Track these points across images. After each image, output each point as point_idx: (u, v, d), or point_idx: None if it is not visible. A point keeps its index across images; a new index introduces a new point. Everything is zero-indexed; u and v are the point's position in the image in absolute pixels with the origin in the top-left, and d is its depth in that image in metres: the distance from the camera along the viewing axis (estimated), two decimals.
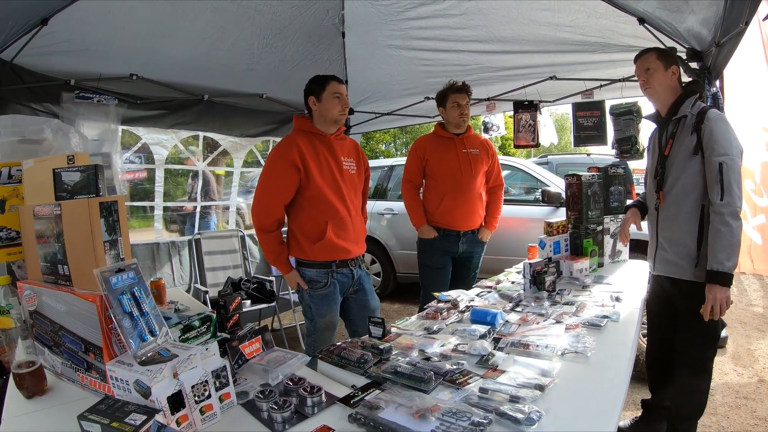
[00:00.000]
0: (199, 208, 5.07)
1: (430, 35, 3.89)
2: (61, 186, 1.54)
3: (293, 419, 1.32)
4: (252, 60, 4.16)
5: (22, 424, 1.41)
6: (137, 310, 1.35)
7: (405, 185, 3.71)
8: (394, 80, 4.69)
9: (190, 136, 4.68)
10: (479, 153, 3.57)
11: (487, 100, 4.77)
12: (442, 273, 3.59)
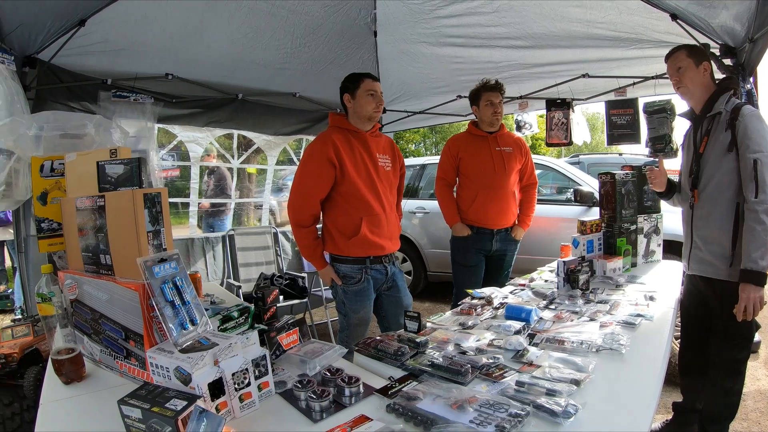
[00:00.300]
0: (233, 204, 5.15)
1: (462, 33, 3.88)
2: (105, 178, 1.57)
3: (331, 409, 1.33)
4: (285, 59, 4.20)
5: (60, 409, 1.44)
6: (179, 299, 1.37)
7: (438, 183, 3.72)
8: (426, 79, 4.69)
9: (224, 134, 4.75)
10: (512, 151, 3.56)
11: (519, 98, 4.75)
12: (475, 271, 3.58)
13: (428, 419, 1.24)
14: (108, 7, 3.12)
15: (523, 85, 4.55)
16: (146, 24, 3.39)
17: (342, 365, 1.59)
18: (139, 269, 1.34)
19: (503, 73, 3.98)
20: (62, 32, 3.18)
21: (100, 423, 1.34)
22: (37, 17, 2.97)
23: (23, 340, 2.61)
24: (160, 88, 3.98)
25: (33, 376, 2.45)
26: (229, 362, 1.29)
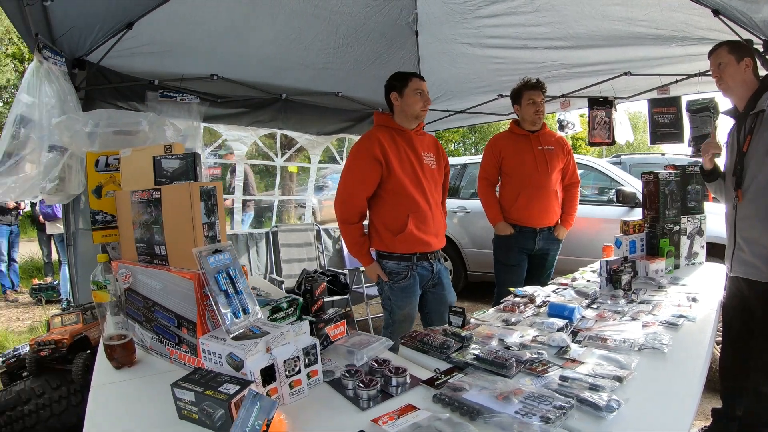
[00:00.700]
0: (277, 201, 5.26)
1: (502, 33, 3.86)
2: (161, 172, 1.64)
3: (378, 398, 1.36)
4: (328, 59, 4.24)
5: (110, 392, 1.50)
6: (232, 288, 1.41)
7: (481, 183, 3.71)
8: (467, 78, 4.68)
9: (268, 133, 4.84)
10: (555, 150, 3.54)
11: (561, 97, 4.72)
12: (517, 270, 3.57)
13: (474, 409, 1.25)
14: (155, 10, 3.20)
15: (564, 84, 4.51)
16: (192, 26, 3.47)
17: (388, 357, 1.61)
18: (195, 259, 1.39)
19: (544, 73, 3.95)
20: (110, 35, 3.27)
21: (149, 406, 1.39)
22: (87, 21, 3.07)
23: (73, 327, 2.71)
24: (205, 88, 4.08)
25: (81, 361, 2.56)
26: (281, 350, 1.32)
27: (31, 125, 2.72)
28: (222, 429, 1.18)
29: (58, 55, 2.94)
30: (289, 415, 1.24)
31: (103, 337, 1.66)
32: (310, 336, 1.43)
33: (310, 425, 1.24)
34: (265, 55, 4.02)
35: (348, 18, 3.80)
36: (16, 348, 3.26)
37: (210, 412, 1.20)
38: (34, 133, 2.71)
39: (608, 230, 4.23)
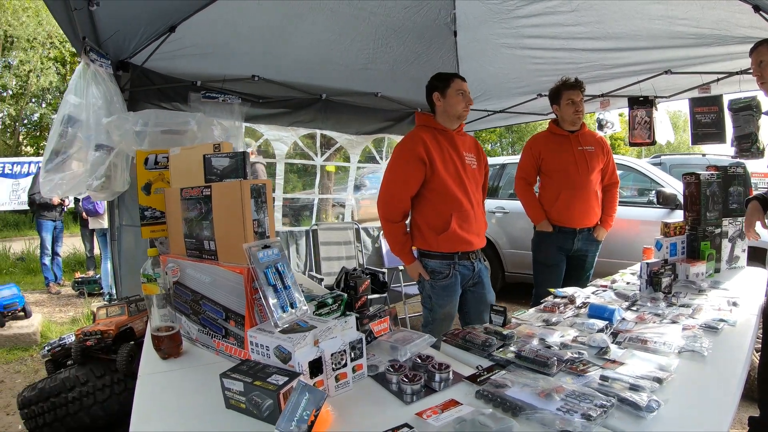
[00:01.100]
0: (316, 200, 5.34)
1: (541, 33, 3.84)
2: (211, 170, 1.69)
3: (422, 392, 1.38)
4: (367, 60, 4.28)
5: (157, 381, 1.55)
6: (281, 283, 1.45)
7: (519, 183, 3.70)
8: (505, 78, 4.67)
9: (308, 133, 4.92)
10: (594, 150, 3.50)
11: (600, 97, 4.67)
12: (556, 270, 3.55)
13: (516, 405, 1.27)
14: (197, 13, 3.27)
15: (604, 84, 4.47)
16: (233, 28, 3.55)
17: (431, 354, 1.63)
18: (245, 254, 1.43)
19: (584, 74, 3.91)
20: (154, 38, 3.36)
21: (195, 395, 1.43)
22: (131, 24, 3.16)
23: (118, 319, 2.80)
24: (246, 89, 4.16)
25: (126, 351, 2.64)
26: (329, 343, 1.36)
27: (78, 125, 2.82)
28: (269, 419, 1.21)
29: (104, 57, 3.04)
30: (335, 407, 1.27)
31: (151, 328, 1.72)
32: (356, 331, 1.47)
33: (355, 417, 1.27)
34: (305, 56, 4.08)
35: (387, 19, 3.83)
36: (62, 337, 3.37)
37: (258, 402, 1.23)
38: (81, 132, 2.82)
39: (648, 232, 4.17)
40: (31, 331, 5.09)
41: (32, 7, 15.46)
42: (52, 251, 7.44)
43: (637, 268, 2.66)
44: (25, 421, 2.86)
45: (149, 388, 1.49)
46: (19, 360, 4.70)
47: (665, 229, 2.85)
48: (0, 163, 12.50)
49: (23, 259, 9.72)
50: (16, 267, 9.25)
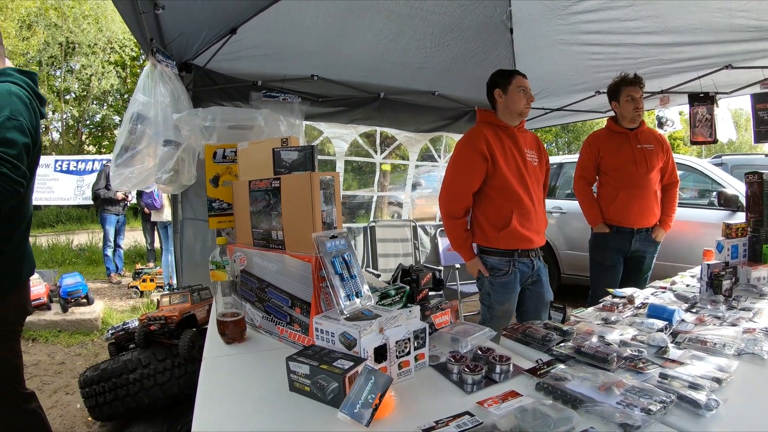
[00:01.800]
0: (375, 197, 5.42)
1: (598, 29, 3.79)
2: (280, 163, 1.77)
3: (482, 383, 1.40)
4: (424, 59, 4.31)
5: (221, 364, 1.61)
6: (347, 272, 1.50)
7: (578, 182, 3.67)
8: (563, 75, 4.62)
9: (367, 130, 5.00)
10: (654, 148, 3.44)
11: (660, 93, 4.57)
12: (613, 271, 3.51)
13: (576, 398, 1.27)
14: (257, 15, 3.37)
15: (663, 80, 4.37)
16: (293, 29, 3.63)
17: (491, 347, 1.65)
18: (313, 243, 1.50)
19: (642, 69, 3.84)
20: (215, 40, 3.48)
21: (258, 378, 1.48)
22: (194, 27, 3.28)
23: (182, 306, 2.90)
24: (306, 88, 4.27)
25: (188, 337, 2.72)
26: (393, 331, 1.40)
27: (147, 122, 2.97)
28: (333, 402, 1.24)
29: (169, 58, 3.18)
30: (397, 393, 1.30)
31: (217, 314, 1.79)
32: (420, 320, 1.50)
33: (416, 404, 1.30)
34: (363, 55, 4.14)
35: (443, 17, 3.84)
36: (125, 322, 3.51)
37: (323, 385, 1.27)
38: (149, 129, 2.96)
39: (708, 235, 4.05)
40: (93, 317, 5.33)
41: (92, 15, 16.21)
42: (115, 243, 7.76)
43: (697, 270, 2.60)
44: (84, 399, 2.99)
45: (213, 370, 1.56)
46: (80, 344, 4.93)
47: (727, 231, 2.77)
48: (65, 161, 13.21)
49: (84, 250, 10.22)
50: (79, 258, 9.75)
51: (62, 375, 4.17)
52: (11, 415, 2.17)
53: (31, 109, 2.02)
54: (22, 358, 2.26)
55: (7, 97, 1.93)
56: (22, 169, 1.87)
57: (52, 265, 8.28)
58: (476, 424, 1.15)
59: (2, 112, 1.87)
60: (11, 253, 2.08)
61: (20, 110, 1.93)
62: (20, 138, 1.89)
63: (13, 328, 2.16)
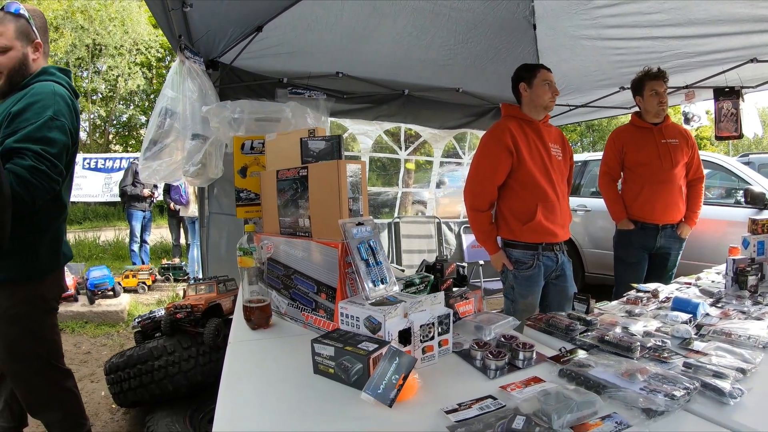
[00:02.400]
0: (400, 194, 5.46)
1: (621, 22, 3.78)
2: (308, 152, 1.80)
3: (505, 369, 1.40)
4: (448, 55, 4.34)
5: (247, 348, 1.64)
6: (373, 259, 1.53)
7: (603, 178, 3.66)
8: (586, 71, 4.62)
9: (392, 126, 5.05)
10: (679, 143, 3.41)
11: (685, 88, 4.53)
12: (637, 268, 3.49)
13: (599, 384, 1.28)
14: (283, 13, 3.43)
15: (688, 74, 4.34)
16: (317, 27, 3.68)
17: (514, 335, 1.65)
18: (340, 230, 1.53)
19: (667, 63, 3.83)
20: (242, 38, 3.55)
21: (283, 361, 1.50)
22: (221, 25, 3.35)
23: (208, 295, 2.96)
24: (331, 85, 4.33)
25: (214, 326, 2.79)
26: (418, 315, 1.41)
27: (175, 116, 3.05)
28: (357, 384, 1.25)
29: (197, 55, 3.25)
30: (420, 376, 1.31)
31: (243, 300, 1.82)
32: (444, 306, 1.52)
33: (439, 387, 1.30)
34: (387, 53, 4.18)
35: (467, 14, 3.87)
36: (152, 311, 3.57)
37: (347, 367, 1.28)
38: (177, 123, 3.04)
39: (734, 234, 3.97)
40: (119, 309, 5.44)
41: (118, 18, 16.58)
42: (141, 239, 7.92)
43: (722, 268, 2.57)
44: (109, 386, 3.06)
45: (239, 354, 1.58)
46: (106, 335, 5.03)
47: (753, 227, 2.72)
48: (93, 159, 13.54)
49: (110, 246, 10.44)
50: (105, 253, 9.96)
51: (88, 364, 4.27)
52: (49, 390, 2.25)
53: (72, 110, 2.12)
54: (60, 335, 2.35)
55: (51, 97, 2.02)
56: (59, 167, 1.98)
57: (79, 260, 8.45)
58: (499, 407, 1.16)
59: (46, 112, 1.97)
60: (50, 240, 2.18)
61: (63, 111, 2.03)
62: (61, 138, 1.99)
63: (51, 305, 2.25)
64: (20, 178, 1.84)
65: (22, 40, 2.09)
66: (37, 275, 2.13)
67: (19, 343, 2.12)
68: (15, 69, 2.09)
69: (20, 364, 2.16)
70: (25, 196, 1.85)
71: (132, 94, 20.10)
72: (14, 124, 1.93)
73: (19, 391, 2.25)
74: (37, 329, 2.17)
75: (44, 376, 2.23)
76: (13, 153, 1.87)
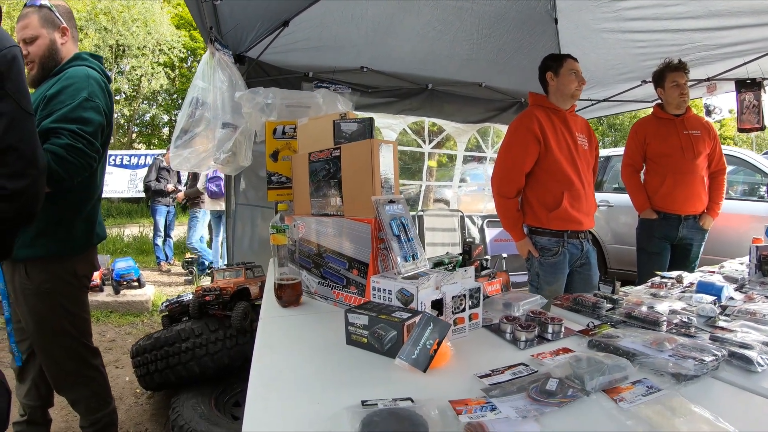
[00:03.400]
0: (423, 187, 5.52)
1: (642, 15, 3.79)
2: (340, 134, 1.86)
3: (535, 341, 1.44)
4: (471, 50, 4.38)
5: (278, 322, 1.67)
6: (404, 235, 1.57)
7: (625, 169, 3.68)
8: (608, 65, 4.63)
9: (416, 120, 5.09)
10: (701, 134, 3.42)
11: (707, 81, 4.52)
12: (659, 259, 3.50)
13: (629, 352, 1.30)
14: (309, 8, 3.49)
15: (709, 66, 4.34)
16: (343, 22, 3.74)
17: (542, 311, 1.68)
18: (373, 206, 1.57)
19: (688, 56, 3.85)
20: (268, 32, 3.61)
21: (314, 333, 1.54)
22: (249, 19, 3.42)
23: (237, 279, 3.03)
24: (356, 79, 4.40)
25: (242, 309, 2.84)
26: (450, 287, 1.45)
27: (206, 106, 3.12)
28: (390, 352, 1.27)
29: (226, 47, 3.33)
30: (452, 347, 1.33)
31: (275, 278, 1.87)
32: (474, 280, 1.56)
33: (471, 356, 1.33)
34: (411, 47, 4.23)
35: (489, 8, 3.90)
36: (180, 295, 3.62)
37: (381, 335, 1.30)
38: (208, 112, 3.12)
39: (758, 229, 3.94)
40: (144, 299, 5.55)
41: (140, 19, 16.86)
42: (165, 234, 8.04)
43: (746, 258, 2.56)
44: (135, 368, 3.11)
45: (270, 328, 1.61)
46: (131, 324, 5.13)
47: None
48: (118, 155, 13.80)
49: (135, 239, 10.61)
50: (129, 247, 10.14)
51: (112, 351, 4.36)
52: (76, 367, 2.30)
53: (106, 92, 2.19)
54: (89, 315, 2.41)
55: (85, 79, 2.10)
56: (96, 145, 2.05)
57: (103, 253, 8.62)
58: (531, 372, 1.19)
59: (81, 93, 2.04)
60: (85, 219, 2.25)
61: (97, 92, 2.11)
62: (96, 117, 2.06)
63: (83, 283, 2.32)
64: (57, 156, 1.89)
65: (48, 27, 2.17)
66: (70, 251, 2.19)
67: (50, 318, 2.18)
68: (45, 56, 2.18)
69: (50, 339, 2.21)
70: (63, 173, 1.91)
71: (155, 93, 20.44)
72: (50, 106, 2.00)
73: (47, 367, 2.30)
74: (67, 305, 2.22)
75: (72, 353, 2.28)
76: (49, 133, 1.94)
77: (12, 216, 1.33)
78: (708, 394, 1.15)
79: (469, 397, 1.05)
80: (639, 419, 0.97)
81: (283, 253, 1.87)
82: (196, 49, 20.33)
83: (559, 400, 1.03)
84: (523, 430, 0.93)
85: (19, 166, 1.31)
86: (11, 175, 1.29)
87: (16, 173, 1.30)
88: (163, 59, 18.82)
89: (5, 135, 1.27)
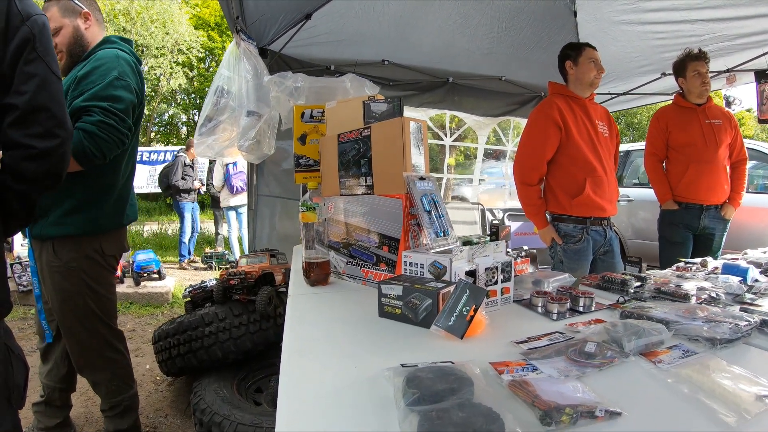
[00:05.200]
0: (444, 180, 5.56)
1: (661, 6, 3.80)
2: (370, 114, 1.89)
3: (567, 313, 1.45)
4: (491, 44, 4.42)
5: (305, 300, 1.67)
6: (435, 211, 1.60)
7: (648, 159, 3.66)
8: (628, 57, 4.63)
9: (437, 113, 5.13)
10: (722, 124, 3.41)
11: (726, 72, 4.50)
12: (681, 249, 3.49)
13: (662, 321, 1.30)
14: (331, 1, 3.54)
15: (729, 57, 4.33)
16: (365, 16, 3.78)
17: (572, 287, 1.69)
18: (404, 182, 1.60)
19: (708, 46, 3.81)
20: (291, 25, 3.66)
21: (345, 308, 1.55)
22: (273, 11, 3.47)
23: (262, 265, 3.05)
24: (377, 72, 4.43)
25: (266, 293, 2.85)
26: (482, 260, 1.47)
27: (230, 95, 3.18)
28: (424, 322, 1.27)
29: (251, 39, 3.39)
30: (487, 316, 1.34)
31: (303, 257, 1.89)
32: (505, 255, 1.57)
33: (506, 327, 1.34)
34: (431, 41, 4.26)
35: (509, 3, 3.94)
36: (203, 281, 3.64)
37: (416, 304, 1.29)
38: (232, 101, 3.17)
39: None
40: (164, 291, 5.61)
41: (159, 19, 17.06)
42: (192, 228, 8.09)
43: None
44: (157, 353, 3.13)
45: (300, 304, 1.62)
46: (151, 315, 5.18)
47: None
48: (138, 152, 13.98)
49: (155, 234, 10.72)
50: (149, 243, 10.26)
51: (132, 340, 4.40)
52: (99, 348, 2.32)
53: (137, 72, 2.23)
54: (116, 296, 2.43)
55: (115, 60, 2.13)
56: (128, 122, 2.08)
57: None
58: (568, 338, 1.19)
59: (111, 73, 2.07)
60: (116, 198, 2.28)
61: (127, 72, 2.14)
62: (127, 95, 2.09)
63: (110, 263, 2.33)
64: (89, 133, 1.92)
65: (69, 16, 2.21)
66: (98, 230, 2.22)
67: (74, 296, 2.19)
68: (71, 43, 2.22)
69: (74, 318, 2.23)
70: (95, 150, 1.94)
71: (173, 93, 20.64)
72: (81, 87, 2.04)
73: (69, 346, 2.32)
74: (93, 284, 2.23)
75: (96, 333, 2.29)
76: (81, 111, 1.97)
77: (38, 176, 1.32)
78: (743, 358, 1.15)
79: (508, 359, 1.06)
80: (680, 378, 0.99)
81: (310, 235, 1.89)
82: (214, 49, 20.53)
83: (600, 361, 1.05)
84: (567, 386, 0.93)
85: (50, 125, 1.31)
86: (42, 134, 1.30)
87: (47, 132, 1.31)
88: (182, 59, 19.01)
89: (37, 95, 1.27)
